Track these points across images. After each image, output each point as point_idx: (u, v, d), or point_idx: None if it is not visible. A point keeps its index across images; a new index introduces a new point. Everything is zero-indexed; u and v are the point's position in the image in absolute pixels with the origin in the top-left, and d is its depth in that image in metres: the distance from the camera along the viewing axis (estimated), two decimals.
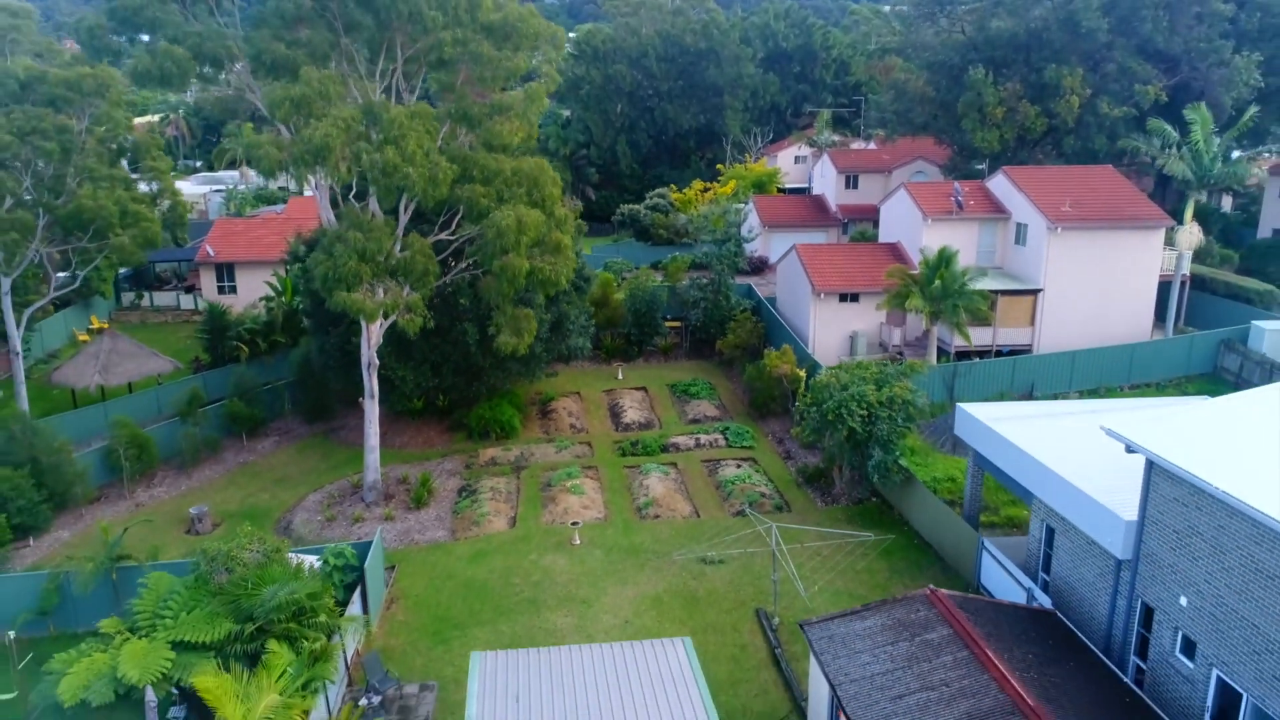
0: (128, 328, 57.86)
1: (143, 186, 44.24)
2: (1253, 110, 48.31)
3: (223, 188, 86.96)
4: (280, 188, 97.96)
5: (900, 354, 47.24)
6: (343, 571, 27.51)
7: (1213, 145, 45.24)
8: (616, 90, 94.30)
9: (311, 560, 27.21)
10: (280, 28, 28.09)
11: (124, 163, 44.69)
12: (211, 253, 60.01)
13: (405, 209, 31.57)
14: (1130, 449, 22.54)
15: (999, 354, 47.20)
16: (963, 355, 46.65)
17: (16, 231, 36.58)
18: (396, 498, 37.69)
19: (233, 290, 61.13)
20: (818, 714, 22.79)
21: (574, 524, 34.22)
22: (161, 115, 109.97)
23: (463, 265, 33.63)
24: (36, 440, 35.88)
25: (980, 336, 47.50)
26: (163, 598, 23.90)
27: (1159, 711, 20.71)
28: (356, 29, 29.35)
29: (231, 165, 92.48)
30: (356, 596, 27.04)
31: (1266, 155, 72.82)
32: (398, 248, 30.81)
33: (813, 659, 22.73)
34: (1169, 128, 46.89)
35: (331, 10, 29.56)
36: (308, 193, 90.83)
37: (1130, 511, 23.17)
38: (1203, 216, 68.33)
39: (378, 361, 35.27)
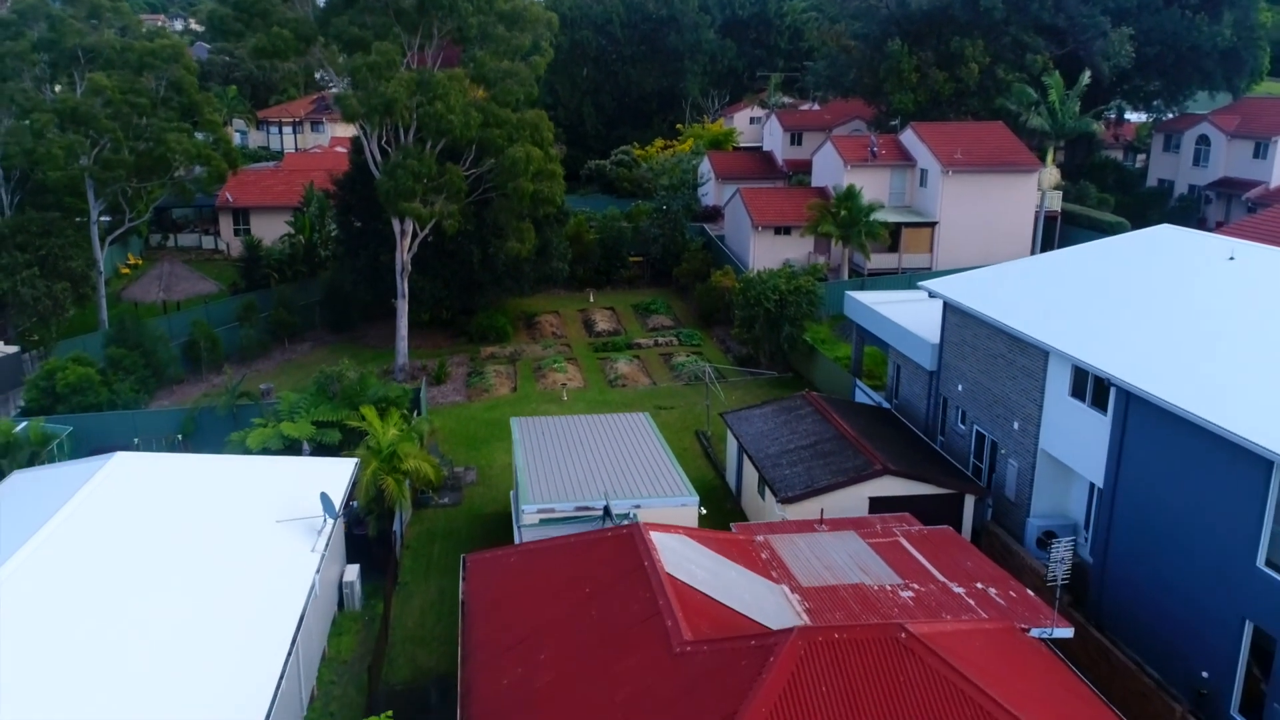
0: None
1: (198, 135, 58.57)
2: (1085, 76, 64.37)
3: None
4: (261, 147, 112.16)
5: (824, 277, 62.71)
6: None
7: (1073, 105, 61.20)
8: (582, 55, 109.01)
9: None
10: (353, 14, 42.73)
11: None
12: (230, 199, 74.34)
13: (435, 147, 46.37)
14: (931, 294, 38.27)
15: (903, 273, 62.84)
16: (874, 274, 62.27)
17: (123, 168, 51.06)
18: (420, 378, 52.58)
19: (247, 233, 75.28)
20: (730, 462, 38.30)
21: (563, 385, 49.53)
22: None
23: (478, 192, 48.56)
24: (141, 330, 50.44)
25: (889, 261, 63.27)
26: (293, 404, 38.83)
27: (944, 454, 36.32)
28: (403, 14, 44.08)
29: None
30: (414, 416, 42.04)
31: (1170, 116, 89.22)
32: None
33: (728, 431, 38.14)
34: (1031, 90, 62.83)
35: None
36: (324, 134, 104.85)
37: (935, 338, 38.77)
38: (1102, 169, 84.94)
39: (410, 268, 50.14)
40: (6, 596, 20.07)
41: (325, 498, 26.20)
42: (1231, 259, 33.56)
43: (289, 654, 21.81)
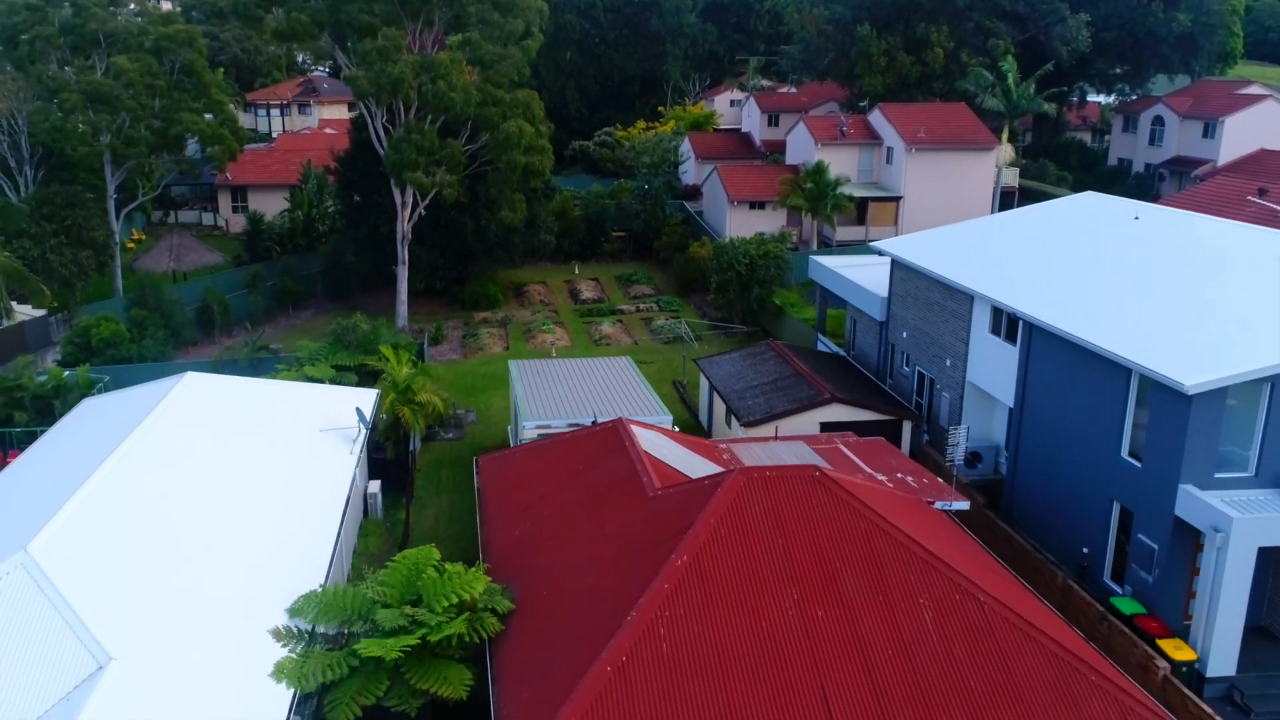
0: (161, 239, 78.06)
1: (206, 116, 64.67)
2: (1049, 66, 71.31)
3: None
4: (249, 129, 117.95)
5: (795, 246, 69.32)
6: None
7: (1027, 87, 67.98)
8: (566, 39, 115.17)
9: None
10: (362, 2, 49.10)
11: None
12: (230, 177, 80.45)
13: (435, 123, 52.67)
14: (880, 253, 44.88)
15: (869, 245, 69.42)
16: (842, 244, 68.87)
17: (145, 145, 57.22)
18: (419, 338, 58.91)
19: (245, 209, 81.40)
20: (703, 402, 44.84)
21: (551, 344, 56.02)
22: None
23: (473, 166, 54.94)
24: (160, 295, 56.57)
25: (856, 233, 69.90)
26: (313, 352, 45.14)
27: (891, 392, 42.90)
28: (407, 2, 50.38)
29: None
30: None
31: (1135, 98, 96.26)
32: None
33: (701, 374, 44.65)
34: (986, 73, 69.67)
35: None
36: (312, 116, 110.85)
37: (885, 292, 45.36)
38: (1066, 149, 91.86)
39: (410, 237, 56.46)
40: (116, 479, 26.23)
41: (359, 410, 32.56)
42: (1136, 219, 40.32)
43: (340, 528, 28.18)
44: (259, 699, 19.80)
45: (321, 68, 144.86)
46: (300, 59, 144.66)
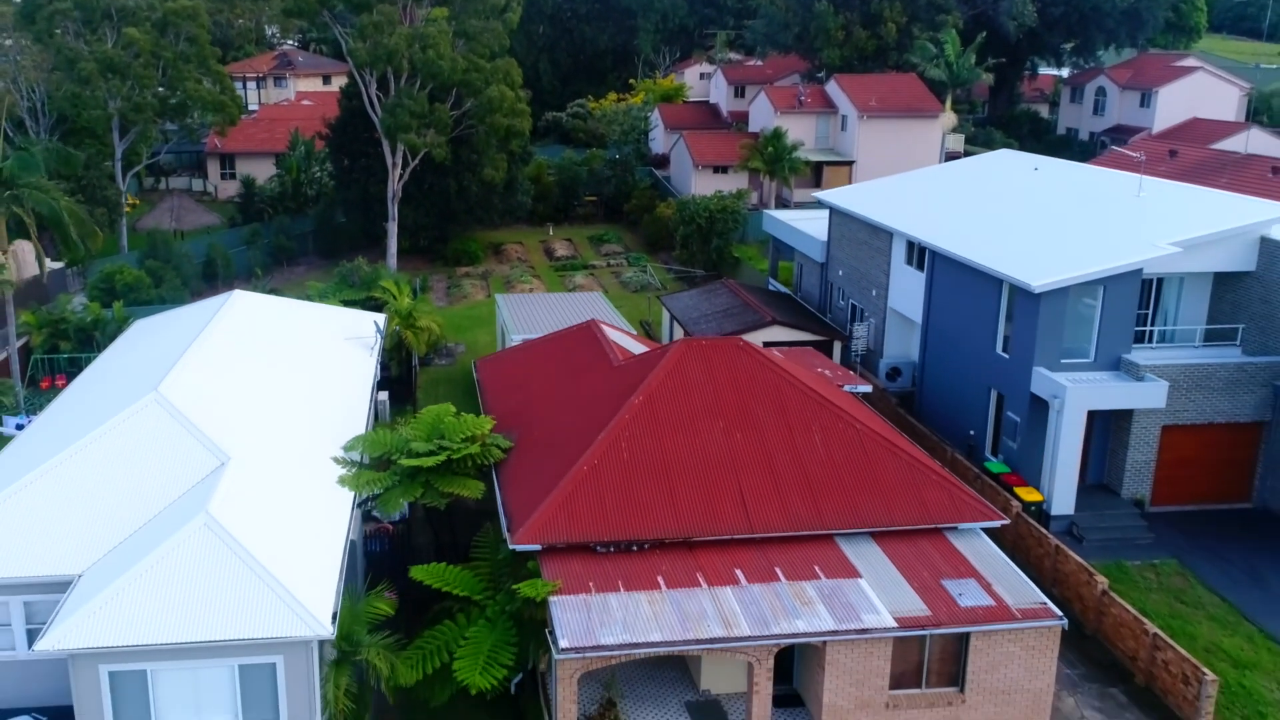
0: (154, 204, 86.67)
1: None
2: (981, 37, 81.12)
3: None
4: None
5: (755, 206, 78.73)
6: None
7: (968, 59, 77.70)
8: (538, 12, 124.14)
9: None
10: None
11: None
12: (219, 145, 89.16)
13: (424, 89, 61.69)
14: (820, 203, 54.35)
15: None
16: (800, 206, 78.27)
17: (151, 111, 65.96)
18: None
19: (232, 176, 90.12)
20: (665, 330, 54.19)
21: (529, 291, 65.23)
22: None
23: (459, 128, 64.03)
24: (169, 250, 65.33)
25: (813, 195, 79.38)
26: (321, 290, 54.11)
27: (828, 321, 52.30)
28: None
29: None
30: None
31: (1088, 69, 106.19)
32: None
33: (664, 308, 53.95)
34: (930, 46, 79.48)
35: None
36: (288, 88, 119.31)
37: (825, 238, 54.77)
38: (1019, 119, 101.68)
39: (400, 195, 65.50)
40: (205, 354, 34.95)
41: (376, 323, 41.66)
42: (1036, 169, 49.91)
43: (371, 402, 37.29)
44: (332, 495, 28.93)
45: (291, 40, 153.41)
46: (269, 33, 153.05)
